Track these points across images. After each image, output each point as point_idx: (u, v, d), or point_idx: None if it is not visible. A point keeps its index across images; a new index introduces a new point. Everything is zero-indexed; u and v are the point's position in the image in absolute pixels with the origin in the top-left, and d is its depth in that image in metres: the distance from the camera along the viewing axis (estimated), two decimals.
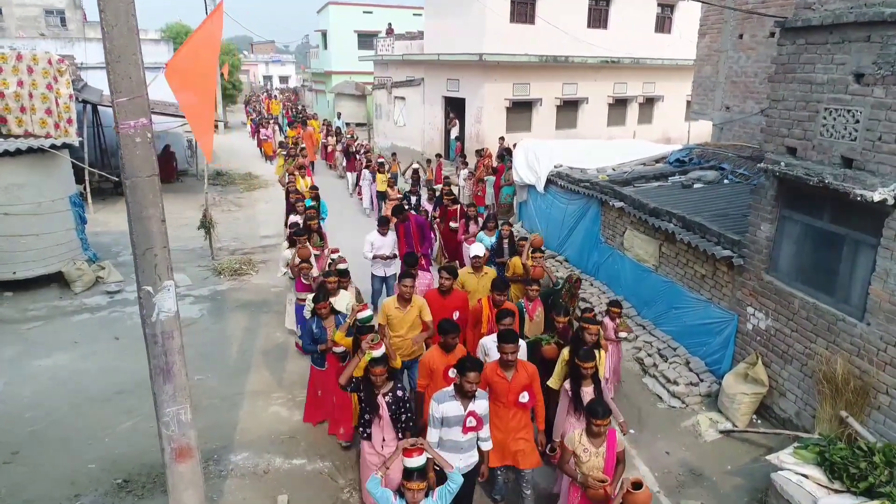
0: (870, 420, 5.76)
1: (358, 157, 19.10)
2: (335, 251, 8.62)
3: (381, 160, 16.61)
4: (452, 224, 11.07)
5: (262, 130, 26.57)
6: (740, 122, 12.78)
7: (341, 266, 7.78)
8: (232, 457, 6.49)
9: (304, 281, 8.11)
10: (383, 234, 9.08)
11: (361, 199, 17.24)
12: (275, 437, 6.84)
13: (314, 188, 12.43)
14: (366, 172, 16.60)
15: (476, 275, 7.57)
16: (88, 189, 15.26)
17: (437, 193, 12.66)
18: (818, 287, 6.35)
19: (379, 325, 6.24)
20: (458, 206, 11.71)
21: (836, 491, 5.16)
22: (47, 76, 12.46)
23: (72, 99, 12.87)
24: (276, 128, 28.70)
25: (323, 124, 27.62)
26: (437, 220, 11.72)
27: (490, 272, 7.68)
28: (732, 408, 7.01)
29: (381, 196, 15.16)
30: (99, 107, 17.47)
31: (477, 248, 7.74)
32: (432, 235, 10.84)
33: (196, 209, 13.58)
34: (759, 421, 7.05)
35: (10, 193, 10.06)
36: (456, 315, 6.61)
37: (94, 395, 7.51)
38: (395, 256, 9.19)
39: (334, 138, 23.78)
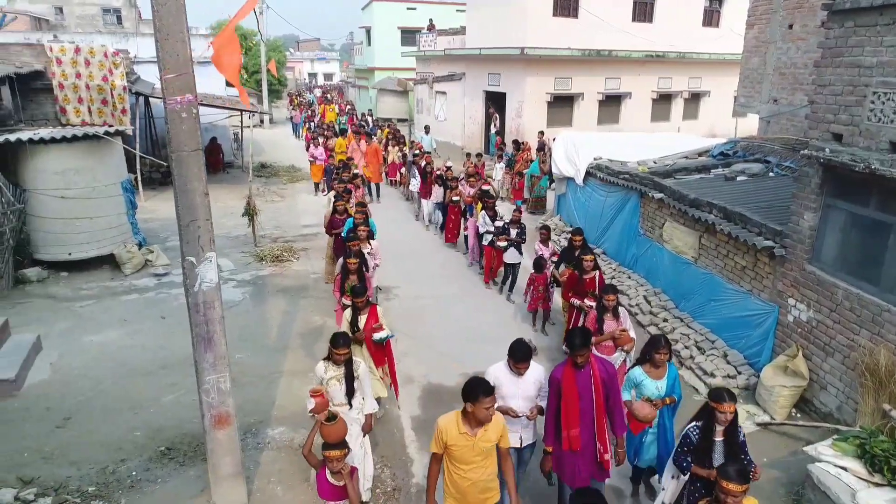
0: None
1: (442, 183, 13.76)
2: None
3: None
4: (589, 302, 7.28)
5: (312, 149, 18.58)
6: (788, 115, 12.43)
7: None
8: (269, 431, 6.69)
9: (330, 481, 4.53)
10: (519, 372, 4.79)
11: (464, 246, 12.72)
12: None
13: (361, 205, 10.01)
14: (483, 216, 10.84)
15: None
16: (140, 177, 15.85)
17: (569, 244, 8.82)
18: (863, 277, 6.17)
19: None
20: (598, 271, 7.80)
21: (876, 484, 5.02)
22: (103, 68, 13.03)
23: (125, 90, 13.42)
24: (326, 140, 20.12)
25: (389, 134, 21.79)
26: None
27: None
28: (770, 400, 6.86)
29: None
30: (151, 99, 18.10)
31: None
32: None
33: (241, 199, 13.96)
34: (798, 415, 6.89)
35: (67, 178, 10.54)
36: None
37: (140, 369, 7.84)
38: (533, 415, 4.96)
39: (398, 149, 19.06)
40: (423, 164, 14.98)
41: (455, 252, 13.12)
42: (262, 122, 34.42)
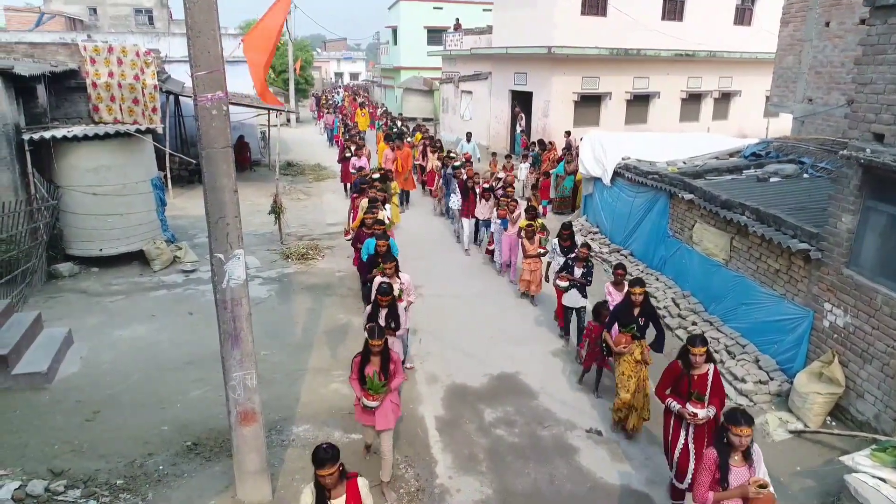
0: None
1: (489, 196, 11.98)
2: None
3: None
4: (694, 408, 5.14)
5: (355, 160, 15.46)
6: (823, 115, 12.13)
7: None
8: (294, 428, 6.71)
9: None
10: None
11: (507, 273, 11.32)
12: (334, 412, 7.03)
13: (379, 223, 9.13)
14: (554, 245, 9.20)
15: None
16: (169, 175, 16.06)
17: (625, 298, 6.68)
18: None
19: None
20: (713, 366, 5.36)
21: None
22: (135, 67, 13.26)
23: (156, 89, 13.62)
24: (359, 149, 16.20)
25: (423, 139, 19.83)
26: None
27: None
28: (804, 408, 6.67)
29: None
30: (180, 97, 18.36)
31: None
32: None
33: (267, 197, 14.06)
34: (833, 423, 6.69)
35: (99, 175, 10.73)
36: None
37: (168, 365, 7.93)
38: None
39: (436, 156, 16.85)
40: (464, 177, 12.64)
41: (482, 256, 13.01)
42: (288, 121, 34.71)
